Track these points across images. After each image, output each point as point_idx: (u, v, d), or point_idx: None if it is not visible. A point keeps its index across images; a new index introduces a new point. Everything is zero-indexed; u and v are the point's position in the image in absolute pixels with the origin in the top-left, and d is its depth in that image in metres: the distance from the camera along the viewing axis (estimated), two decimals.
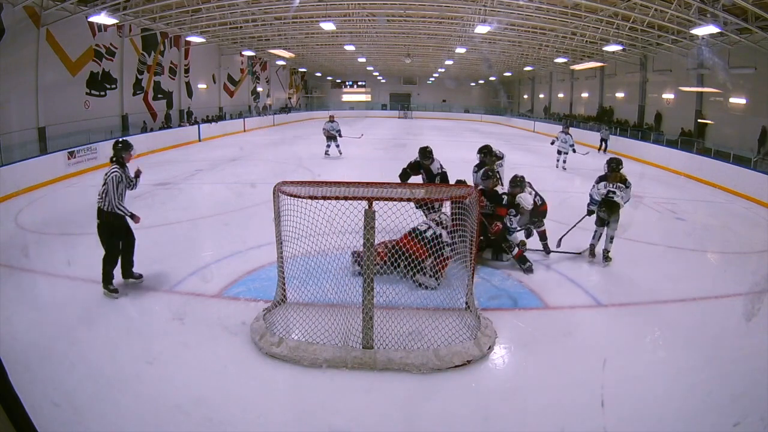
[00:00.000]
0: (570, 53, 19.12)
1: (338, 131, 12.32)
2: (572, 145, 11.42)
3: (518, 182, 4.94)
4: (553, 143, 11.70)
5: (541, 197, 5.17)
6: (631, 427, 2.61)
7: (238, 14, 15.18)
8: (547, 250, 5.29)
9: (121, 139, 4.51)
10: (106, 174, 4.22)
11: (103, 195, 4.13)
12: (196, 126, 17.14)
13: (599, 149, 15.21)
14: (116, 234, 4.15)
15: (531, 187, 5.11)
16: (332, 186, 3.58)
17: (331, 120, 12.51)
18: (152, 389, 2.80)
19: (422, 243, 4.26)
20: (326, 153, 12.49)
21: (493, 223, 4.77)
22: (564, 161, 11.54)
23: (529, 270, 4.75)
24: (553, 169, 11.58)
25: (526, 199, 4.95)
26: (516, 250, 4.85)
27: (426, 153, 5.65)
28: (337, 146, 12.50)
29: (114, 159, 4.31)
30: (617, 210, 4.97)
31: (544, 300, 4.18)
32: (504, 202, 4.91)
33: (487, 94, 36.82)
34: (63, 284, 4.31)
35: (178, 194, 8.38)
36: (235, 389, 2.83)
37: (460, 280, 3.82)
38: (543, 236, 5.29)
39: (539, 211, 5.13)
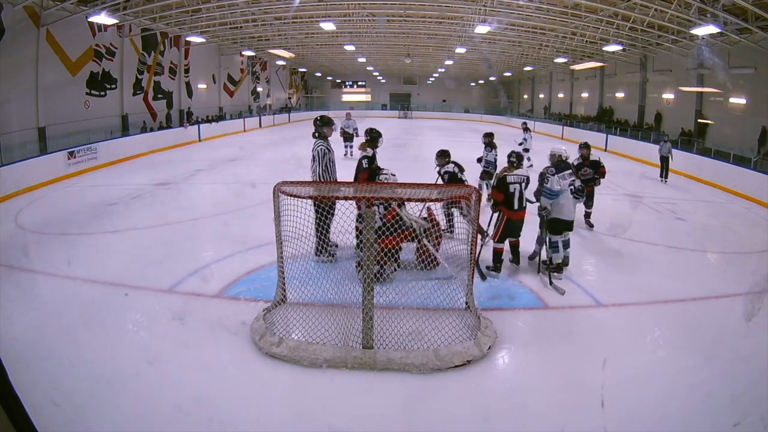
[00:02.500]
0: (570, 53, 19.12)
1: (355, 129, 11.82)
2: (521, 143, 11.24)
3: (445, 154, 5.11)
4: (520, 144, 11.48)
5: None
6: (631, 427, 2.61)
7: (238, 14, 15.17)
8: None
9: (320, 116, 4.69)
10: (312, 149, 4.54)
11: (313, 169, 4.47)
12: (196, 126, 17.15)
13: (661, 174, 10.81)
14: (328, 204, 4.13)
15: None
16: (332, 186, 3.59)
17: (348, 117, 12.04)
18: (152, 389, 2.80)
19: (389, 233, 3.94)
20: (345, 155, 11.62)
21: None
22: (528, 158, 10.92)
23: (486, 276, 4.50)
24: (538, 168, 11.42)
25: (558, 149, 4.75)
26: (489, 241, 4.64)
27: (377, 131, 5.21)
28: (351, 147, 11.77)
29: (317, 134, 4.56)
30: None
31: (544, 300, 4.17)
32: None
33: (487, 94, 36.80)
34: (63, 284, 4.30)
35: (178, 194, 8.38)
36: (235, 389, 2.83)
37: (460, 280, 3.82)
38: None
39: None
